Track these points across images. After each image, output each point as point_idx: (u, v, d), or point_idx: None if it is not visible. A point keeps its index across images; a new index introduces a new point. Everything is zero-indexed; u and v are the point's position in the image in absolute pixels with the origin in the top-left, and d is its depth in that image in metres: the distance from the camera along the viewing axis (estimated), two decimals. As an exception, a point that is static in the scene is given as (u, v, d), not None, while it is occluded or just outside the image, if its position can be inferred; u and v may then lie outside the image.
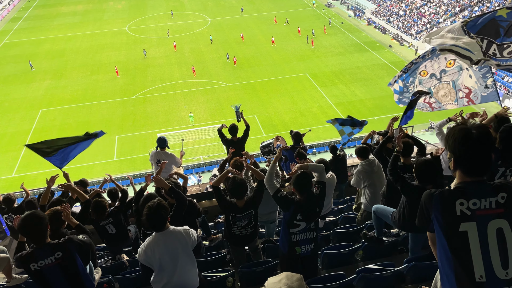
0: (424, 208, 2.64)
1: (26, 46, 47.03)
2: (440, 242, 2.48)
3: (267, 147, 9.40)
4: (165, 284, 4.16)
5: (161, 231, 4.08)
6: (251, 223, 5.29)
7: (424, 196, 2.64)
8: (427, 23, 44.51)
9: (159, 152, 8.76)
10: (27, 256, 3.85)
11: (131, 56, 43.07)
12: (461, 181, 2.50)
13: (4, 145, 28.84)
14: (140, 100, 34.32)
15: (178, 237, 4.12)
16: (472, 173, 2.45)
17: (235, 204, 5.15)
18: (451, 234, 2.42)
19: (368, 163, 6.58)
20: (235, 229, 5.30)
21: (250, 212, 5.21)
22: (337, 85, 35.12)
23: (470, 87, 8.02)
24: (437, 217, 2.49)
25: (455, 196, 2.44)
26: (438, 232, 2.50)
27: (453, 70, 8.12)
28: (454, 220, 2.41)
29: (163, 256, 4.08)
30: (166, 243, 4.07)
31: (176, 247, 4.10)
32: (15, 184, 17.91)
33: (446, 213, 2.45)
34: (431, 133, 27.06)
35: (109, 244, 6.82)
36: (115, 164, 26.53)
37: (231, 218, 5.23)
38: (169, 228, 4.12)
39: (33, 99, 34.97)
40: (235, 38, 46.20)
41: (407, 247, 5.40)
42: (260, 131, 28.49)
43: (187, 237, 4.15)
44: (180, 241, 4.12)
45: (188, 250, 4.20)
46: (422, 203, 2.67)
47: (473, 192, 2.42)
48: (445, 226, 2.45)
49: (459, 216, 2.40)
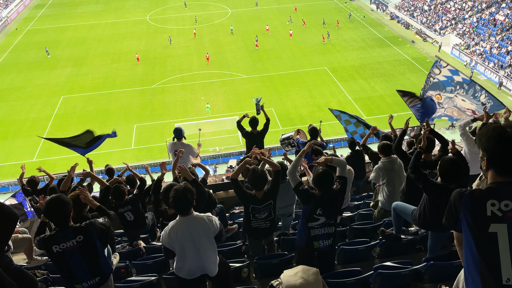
0: (453, 207, 2.57)
1: (49, 33, 47.83)
2: (468, 242, 2.42)
3: (287, 139, 9.37)
4: (187, 269, 4.22)
5: (186, 214, 4.10)
6: (271, 215, 5.28)
7: (453, 195, 2.57)
8: (452, 19, 43.41)
9: (176, 143, 8.82)
10: (50, 238, 3.94)
11: (151, 45, 43.37)
12: (494, 181, 2.42)
13: (26, 130, 29.49)
14: (159, 89, 34.58)
15: (201, 223, 4.15)
16: (505, 173, 2.37)
17: (254, 195, 5.14)
18: (480, 235, 2.35)
19: (390, 161, 6.47)
20: (255, 222, 5.29)
21: (270, 203, 5.20)
22: (357, 80, 34.66)
23: (471, 107, 8.14)
24: (466, 217, 2.42)
25: (486, 196, 2.37)
26: (466, 232, 2.44)
27: (445, 100, 8.44)
28: (483, 221, 2.34)
29: (186, 240, 4.12)
30: (190, 228, 4.11)
31: (199, 232, 4.13)
32: (36, 169, 18.30)
33: (476, 213, 2.38)
34: (451, 132, 26.53)
35: (127, 230, 6.93)
36: (133, 152, 26.87)
37: (251, 211, 5.21)
38: (193, 214, 4.15)
39: (55, 86, 35.62)
40: (255, 29, 45.99)
41: (426, 246, 5.31)
42: (277, 124, 28.39)
43: (210, 224, 4.17)
44: (203, 227, 4.15)
45: (210, 237, 4.22)
46: (451, 202, 2.60)
47: (505, 193, 2.34)
48: (474, 226, 2.38)
49: (490, 217, 2.32)
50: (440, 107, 8.82)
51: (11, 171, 25.03)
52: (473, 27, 40.41)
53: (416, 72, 35.56)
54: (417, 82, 32.08)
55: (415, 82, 32.92)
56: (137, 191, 6.85)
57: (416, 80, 33.45)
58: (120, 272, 5.70)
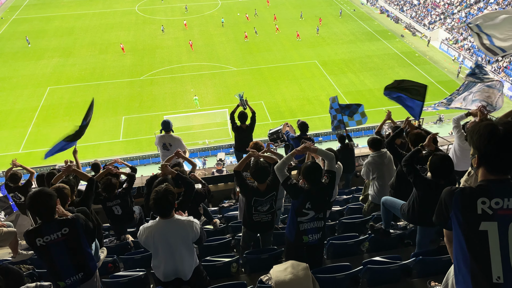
0: (443, 205, 2.56)
1: (35, 22, 46.86)
2: (458, 240, 2.41)
3: (275, 133, 9.34)
4: (162, 270, 4.16)
5: (166, 217, 4.01)
6: (272, 208, 5.25)
7: (444, 193, 2.56)
8: (441, 13, 43.67)
9: (164, 135, 8.70)
10: (34, 231, 3.85)
11: (139, 36, 42.83)
12: (484, 179, 2.40)
13: (12, 121, 28.96)
14: (148, 81, 34.21)
15: (180, 227, 4.05)
16: (497, 171, 2.36)
17: (257, 188, 5.10)
18: (470, 233, 2.35)
19: (379, 155, 6.48)
20: (256, 216, 5.24)
21: (273, 195, 5.17)
22: (347, 74, 34.74)
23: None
24: (457, 215, 2.41)
25: (477, 194, 2.36)
26: (456, 230, 2.43)
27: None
28: (474, 219, 2.33)
29: (162, 243, 4.04)
30: (168, 231, 4.01)
31: (176, 237, 4.04)
32: (22, 161, 17.99)
33: (467, 211, 2.37)
34: (439, 126, 26.82)
35: (114, 224, 6.84)
36: (121, 145, 26.59)
37: (253, 203, 5.16)
38: (174, 217, 4.04)
39: (41, 76, 34.98)
40: (245, 21, 45.68)
41: (414, 241, 5.34)
42: (266, 117, 28.36)
43: (190, 229, 4.08)
44: (182, 232, 4.05)
45: (189, 242, 4.14)
46: (441, 200, 2.59)
47: (496, 190, 2.33)
48: (464, 224, 2.37)
49: (480, 215, 2.32)
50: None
51: (-4, 163, 24.59)
52: (461, 22, 40.70)
53: (405, 66, 35.78)
54: (406, 76, 32.20)
55: (404, 76, 33.09)
56: (127, 185, 6.76)
57: (404, 74, 33.65)
58: (107, 267, 5.63)
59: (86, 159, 20.66)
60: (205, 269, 4.74)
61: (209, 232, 6.71)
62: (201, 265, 4.60)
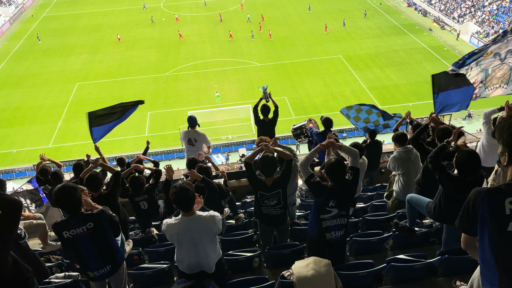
0: (470, 206, 2.46)
1: (65, 20, 48.12)
2: (485, 241, 2.34)
3: (299, 129, 9.28)
4: (186, 263, 4.21)
5: (187, 211, 4.03)
6: (280, 203, 5.23)
7: (472, 194, 2.47)
8: (471, 6, 42.25)
9: (189, 131, 8.86)
10: (61, 224, 3.98)
11: (165, 33, 43.31)
12: None
13: (42, 117, 29.92)
14: (172, 77, 34.64)
15: (203, 224, 4.06)
16: None
17: (264, 182, 5.09)
18: (498, 233, 2.28)
19: (406, 151, 6.35)
20: (265, 208, 5.26)
21: (278, 192, 5.14)
22: (372, 69, 34.13)
23: None
24: (484, 216, 2.34)
25: (505, 194, 2.28)
26: (483, 230, 2.36)
27: None
28: (502, 220, 2.26)
29: (186, 240, 4.08)
30: (191, 229, 4.03)
31: (200, 234, 4.07)
32: (52, 155, 18.59)
33: (494, 211, 2.30)
34: (468, 122, 26.04)
35: (140, 218, 7.00)
36: (147, 140, 27.00)
37: (259, 196, 5.19)
38: (196, 214, 4.06)
39: (70, 73, 35.97)
40: (269, 17, 45.48)
41: (440, 239, 5.23)
42: (290, 113, 28.25)
43: (213, 224, 4.08)
44: (205, 229, 4.07)
45: (212, 237, 4.18)
46: (468, 201, 2.49)
47: None
48: (491, 225, 2.30)
49: (508, 215, 2.24)
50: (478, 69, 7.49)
51: (27, 156, 25.51)
52: (492, 15, 39.28)
53: (433, 61, 34.83)
54: (434, 71, 31.18)
55: (432, 71, 32.19)
56: (153, 181, 6.95)
57: (432, 68, 32.76)
58: (133, 259, 5.77)
59: (113, 154, 21.16)
60: (228, 263, 4.78)
61: (231, 227, 6.77)
62: (223, 259, 4.65)
